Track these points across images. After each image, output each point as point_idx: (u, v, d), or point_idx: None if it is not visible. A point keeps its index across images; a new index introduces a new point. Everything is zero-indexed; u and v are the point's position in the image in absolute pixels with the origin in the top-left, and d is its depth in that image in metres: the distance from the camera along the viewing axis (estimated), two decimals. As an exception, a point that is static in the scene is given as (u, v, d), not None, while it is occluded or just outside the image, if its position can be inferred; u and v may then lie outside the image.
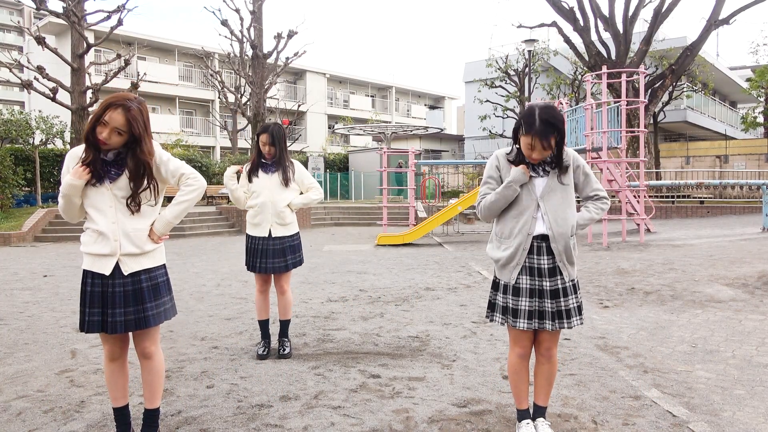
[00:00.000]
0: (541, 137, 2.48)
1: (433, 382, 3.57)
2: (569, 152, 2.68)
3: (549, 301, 2.61)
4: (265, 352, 4.14)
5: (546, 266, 2.62)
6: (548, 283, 2.61)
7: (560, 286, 2.63)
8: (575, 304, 2.66)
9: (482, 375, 3.70)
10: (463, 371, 3.78)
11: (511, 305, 2.66)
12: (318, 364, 3.96)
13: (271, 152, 4.08)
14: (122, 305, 2.51)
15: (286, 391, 3.45)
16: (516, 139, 2.64)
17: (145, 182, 2.53)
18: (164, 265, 2.69)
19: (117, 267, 2.51)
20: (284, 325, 4.26)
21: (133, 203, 2.52)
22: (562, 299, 2.62)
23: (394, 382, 3.58)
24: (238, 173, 4.18)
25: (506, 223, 2.68)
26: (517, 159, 2.66)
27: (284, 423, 3.00)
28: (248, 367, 3.93)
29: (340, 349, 4.36)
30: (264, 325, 4.27)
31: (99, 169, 2.48)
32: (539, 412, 2.82)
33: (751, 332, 4.63)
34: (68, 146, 19.63)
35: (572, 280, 2.66)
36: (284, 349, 4.16)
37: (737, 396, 3.30)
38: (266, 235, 4.08)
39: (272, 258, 4.07)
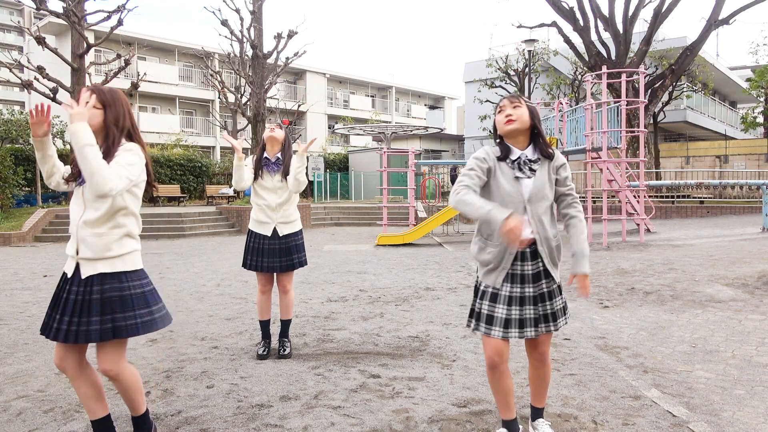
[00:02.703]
0: (509, 99, 2.57)
1: (433, 382, 3.57)
2: (556, 151, 2.63)
3: (530, 307, 2.54)
4: (265, 352, 4.14)
5: (530, 272, 2.56)
6: (531, 289, 2.56)
7: (545, 290, 2.58)
8: (560, 306, 2.63)
9: (482, 375, 3.69)
10: (463, 371, 3.78)
11: (485, 312, 2.56)
12: (318, 364, 3.96)
13: (277, 147, 4.12)
14: (70, 314, 2.40)
15: (286, 391, 3.45)
16: (496, 131, 2.62)
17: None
18: (126, 273, 2.46)
19: (77, 270, 2.44)
20: (285, 324, 4.26)
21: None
22: (547, 302, 2.57)
23: (394, 382, 3.58)
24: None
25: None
26: (503, 152, 2.57)
27: (284, 423, 3.00)
28: (248, 367, 3.93)
29: (340, 349, 4.36)
30: (265, 325, 4.27)
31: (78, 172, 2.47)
32: (537, 413, 2.81)
33: (751, 332, 4.63)
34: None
35: (557, 282, 2.62)
36: (284, 349, 4.16)
37: (737, 396, 3.30)
38: (269, 234, 4.09)
39: (278, 257, 4.08)
